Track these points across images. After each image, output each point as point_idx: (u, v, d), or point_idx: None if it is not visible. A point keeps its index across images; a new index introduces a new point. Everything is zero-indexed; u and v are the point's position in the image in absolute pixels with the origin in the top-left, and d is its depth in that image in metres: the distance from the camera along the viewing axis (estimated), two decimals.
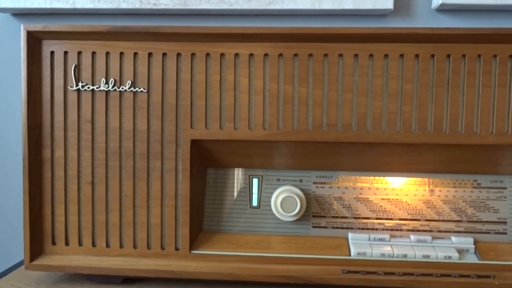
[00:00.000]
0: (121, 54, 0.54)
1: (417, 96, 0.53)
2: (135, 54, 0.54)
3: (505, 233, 0.57)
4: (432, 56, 0.52)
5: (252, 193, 0.59)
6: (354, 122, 0.53)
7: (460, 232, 0.57)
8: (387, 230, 0.58)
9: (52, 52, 0.55)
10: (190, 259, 0.55)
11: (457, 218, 0.57)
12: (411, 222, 0.58)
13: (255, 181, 0.59)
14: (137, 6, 0.77)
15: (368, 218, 0.58)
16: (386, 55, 0.53)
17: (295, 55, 0.53)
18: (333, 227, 0.58)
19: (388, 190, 0.58)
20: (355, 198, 0.58)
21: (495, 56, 0.52)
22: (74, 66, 0.54)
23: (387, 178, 0.58)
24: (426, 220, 0.58)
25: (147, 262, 0.55)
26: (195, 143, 0.55)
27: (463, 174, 0.58)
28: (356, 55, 0.53)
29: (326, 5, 0.75)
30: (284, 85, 0.53)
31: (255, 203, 0.59)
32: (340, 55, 0.53)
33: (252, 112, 0.54)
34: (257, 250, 0.56)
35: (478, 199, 0.57)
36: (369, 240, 0.56)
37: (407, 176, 0.58)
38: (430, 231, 0.58)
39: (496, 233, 0.57)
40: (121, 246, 0.56)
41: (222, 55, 0.54)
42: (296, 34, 0.52)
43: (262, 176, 0.59)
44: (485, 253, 0.55)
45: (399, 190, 0.58)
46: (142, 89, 0.54)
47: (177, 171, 0.55)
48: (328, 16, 0.79)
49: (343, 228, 0.58)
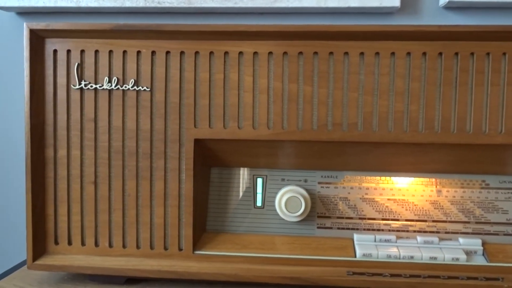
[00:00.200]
0: (124, 52, 0.54)
1: (424, 94, 0.52)
2: (138, 52, 0.53)
3: None
4: (440, 54, 0.51)
5: (256, 193, 0.58)
6: (360, 121, 0.52)
7: (468, 233, 0.56)
8: (393, 231, 0.57)
9: (55, 51, 0.54)
10: (193, 259, 0.54)
11: (465, 219, 0.56)
12: (418, 223, 0.57)
13: (260, 181, 0.58)
14: (141, 4, 0.76)
15: (374, 219, 0.57)
16: (393, 53, 0.52)
17: (300, 53, 0.52)
18: (338, 228, 0.58)
19: (394, 190, 0.57)
20: (360, 198, 0.57)
21: (504, 54, 0.51)
22: (77, 64, 0.54)
23: (393, 178, 0.57)
24: (433, 221, 0.57)
25: (150, 263, 0.54)
26: (198, 143, 0.54)
27: (471, 175, 0.57)
28: (362, 53, 0.52)
29: (332, 2, 0.74)
30: (288, 83, 0.53)
31: (259, 203, 0.58)
32: (346, 53, 0.52)
33: (256, 111, 0.53)
34: (261, 251, 0.55)
35: (487, 200, 0.56)
36: (375, 241, 0.56)
37: (414, 176, 0.57)
38: (437, 232, 0.57)
39: (505, 234, 0.56)
40: (124, 246, 0.55)
41: (226, 53, 0.53)
42: (301, 32, 0.51)
43: (266, 175, 0.58)
44: (493, 255, 0.54)
45: (406, 191, 0.57)
46: (145, 87, 0.54)
47: (180, 171, 0.54)
48: (334, 14, 0.78)
49: (348, 229, 0.57)
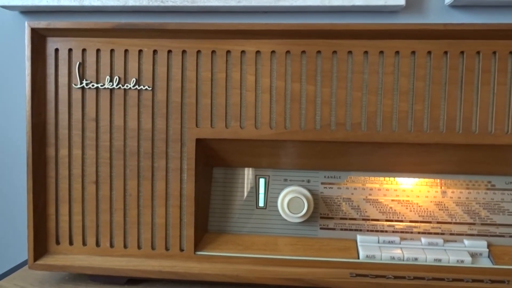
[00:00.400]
0: (125, 51, 0.53)
1: (429, 94, 0.51)
2: (140, 51, 0.53)
3: None
4: (445, 53, 0.50)
5: (258, 193, 0.58)
6: (364, 121, 0.52)
7: (473, 235, 0.56)
8: (397, 232, 0.56)
9: (56, 50, 0.54)
10: (194, 260, 0.54)
11: (470, 221, 0.56)
12: (422, 224, 0.56)
13: (262, 181, 0.58)
14: (144, 3, 0.76)
15: (377, 220, 0.57)
16: (397, 52, 0.51)
17: (303, 52, 0.52)
18: (341, 229, 0.57)
19: (398, 191, 0.56)
20: (364, 199, 0.57)
21: (511, 52, 0.50)
22: (78, 63, 0.54)
23: (397, 179, 0.56)
24: (438, 222, 0.56)
25: (151, 263, 0.54)
26: (200, 142, 0.53)
27: (476, 175, 0.56)
28: (366, 52, 0.51)
29: (336, 1, 0.73)
30: (291, 83, 0.52)
31: (261, 204, 0.58)
32: (350, 52, 0.51)
33: (259, 110, 0.53)
34: (263, 252, 0.55)
35: (492, 201, 0.56)
36: (378, 242, 0.55)
37: (418, 177, 0.56)
38: (442, 234, 0.56)
39: (511, 236, 0.55)
40: (125, 246, 0.55)
41: (228, 52, 0.52)
42: (304, 30, 0.51)
43: (269, 176, 0.58)
44: (499, 257, 0.53)
45: (410, 191, 0.56)
46: (146, 87, 0.53)
47: (182, 171, 0.54)
48: (338, 13, 0.77)
49: (351, 230, 0.57)
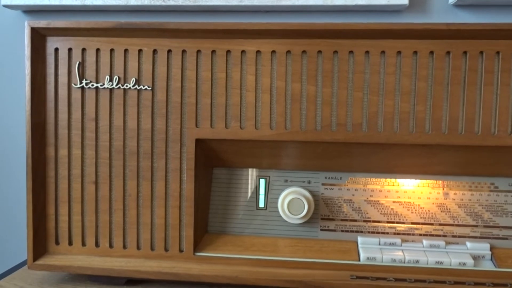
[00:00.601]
0: (125, 51, 0.53)
1: (431, 94, 0.50)
2: (140, 51, 0.53)
3: None
4: (448, 53, 0.50)
5: (259, 194, 0.57)
6: (365, 121, 0.51)
7: (475, 237, 0.55)
8: (398, 234, 0.56)
9: (56, 49, 0.54)
10: (194, 261, 0.54)
11: (472, 223, 0.55)
12: (424, 226, 0.55)
13: (262, 182, 0.57)
14: (146, 2, 0.76)
15: (378, 222, 0.56)
16: (399, 52, 0.50)
17: (304, 52, 0.51)
18: (342, 231, 0.56)
19: (400, 192, 0.56)
20: (365, 200, 0.56)
21: None
22: (78, 63, 0.54)
23: (399, 180, 0.56)
24: (440, 224, 0.55)
25: (150, 264, 0.54)
26: (200, 143, 0.53)
27: (479, 177, 0.55)
28: (367, 52, 0.51)
29: (339, 0, 0.73)
30: (292, 83, 0.52)
31: (262, 205, 0.57)
32: (351, 52, 0.51)
33: (259, 111, 0.52)
34: (263, 253, 0.54)
35: (496, 203, 0.55)
36: (379, 244, 0.54)
37: (420, 178, 0.56)
38: (444, 236, 0.55)
39: None
40: (124, 247, 0.55)
41: (228, 52, 0.52)
42: (305, 30, 0.50)
43: (269, 176, 0.57)
44: (502, 260, 0.53)
45: (412, 193, 0.56)
46: (146, 86, 0.53)
47: (181, 171, 0.53)
48: (341, 12, 0.77)
49: (352, 231, 0.56)
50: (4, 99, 0.84)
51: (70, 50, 0.54)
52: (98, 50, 0.53)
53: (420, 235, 0.55)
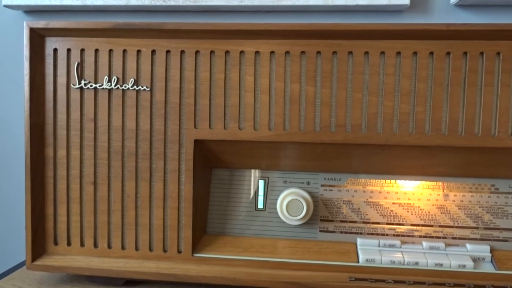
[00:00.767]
0: (124, 51, 0.53)
1: (431, 95, 0.50)
2: (138, 51, 0.53)
3: None
4: (448, 53, 0.49)
5: (258, 195, 0.57)
6: (364, 122, 0.51)
7: (475, 239, 0.55)
8: (398, 236, 0.55)
9: (55, 50, 0.54)
10: (192, 262, 0.54)
11: (472, 225, 0.55)
12: (424, 228, 0.55)
13: (261, 183, 0.57)
14: (146, 3, 0.76)
15: (378, 223, 0.56)
16: (399, 53, 0.50)
17: (303, 52, 0.51)
18: (341, 232, 0.56)
19: (399, 194, 0.55)
20: (364, 202, 0.56)
21: None
22: (77, 63, 0.53)
23: (398, 182, 0.56)
24: (440, 226, 0.55)
25: (148, 265, 0.53)
26: (198, 143, 0.53)
27: (480, 178, 0.55)
28: (366, 53, 0.50)
29: (339, 0, 0.72)
30: (290, 84, 0.51)
31: (261, 206, 0.57)
32: (350, 53, 0.51)
33: (258, 111, 0.52)
34: (262, 255, 0.54)
35: (496, 205, 0.54)
36: (378, 246, 0.54)
37: (420, 180, 0.55)
38: (444, 237, 0.55)
39: None
40: (123, 248, 0.55)
41: (227, 52, 0.52)
42: (304, 30, 0.50)
43: (268, 178, 0.57)
44: (502, 262, 0.52)
45: (412, 194, 0.55)
46: (145, 87, 0.53)
47: (180, 172, 0.53)
48: (342, 12, 0.76)
49: (351, 233, 0.56)
50: (6, 99, 0.84)
51: (69, 50, 0.54)
52: (96, 51, 0.53)
53: (420, 236, 0.55)
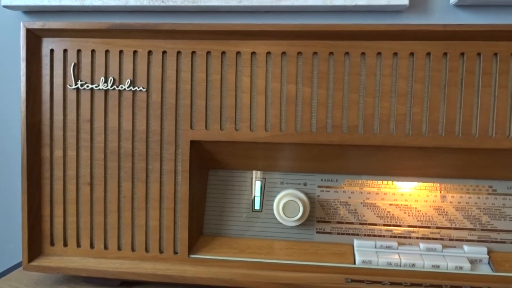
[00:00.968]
0: (120, 52, 0.53)
1: (428, 96, 0.50)
2: (135, 52, 0.53)
3: None
4: (445, 54, 0.49)
5: (254, 196, 0.57)
6: (361, 123, 0.51)
7: (473, 241, 0.54)
8: (395, 237, 0.55)
9: (51, 50, 0.54)
10: (188, 263, 0.53)
11: (470, 226, 0.54)
12: (421, 229, 0.55)
13: (258, 184, 0.57)
14: (145, 3, 0.76)
15: (375, 225, 0.55)
16: (395, 54, 0.50)
17: (299, 53, 0.51)
18: (338, 233, 0.56)
19: (396, 195, 0.55)
20: (361, 203, 0.56)
21: None
22: (73, 64, 0.53)
23: (395, 183, 0.55)
24: (437, 227, 0.55)
25: (145, 266, 0.53)
26: (194, 144, 0.53)
27: (477, 180, 0.54)
28: (363, 54, 0.50)
29: (338, 1, 0.72)
30: (287, 84, 0.51)
31: (257, 207, 0.57)
32: (346, 54, 0.50)
33: (254, 112, 0.52)
34: (258, 256, 0.54)
35: (493, 206, 0.54)
36: (375, 247, 0.54)
37: (417, 181, 0.55)
38: (441, 239, 0.55)
39: None
40: (119, 249, 0.54)
41: (223, 53, 0.52)
42: (300, 31, 0.50)
43: (265, 179, 0.57)
44: (499, 264, 0.52)
45: (409, 196, 0.55)
46: (141, 88, 0.53)
47: (176, 173, 0.53)
48: (340, 13, 0.76)
49: (348, 234, 0.56)
50: (6, 100, 0.84)
51: (65, 51, 0.54)
52: (93, 51, 0.53)
53: (417, 238, 0.55)
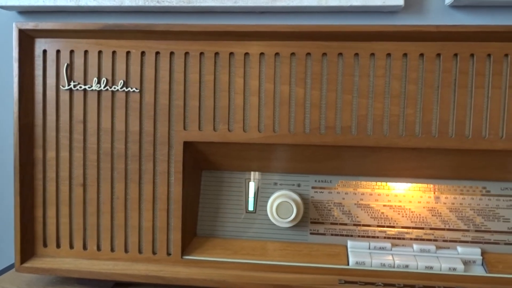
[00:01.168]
0: (113, 53, 0.53)
1: (421, 97, 0.50)
2: (128, 53, 0.52)
3: None
4: (438, 55, 0.49)
5: (248, 197, 0.57)
6: (354, 124, 0.51)
7: (467, 242, 0.54)
8: (388, 238, 0.55)
9: (44, 51, 0.54)
10: (181, 264, 0.53)
11: (464, 227, 0.54)
12: (415, 230, 0.55)
13: (252, 185, 0.57)
14: (140, 3, 0.75)
15: (369, 226, 0.55)
16: (389, 54, 0.50)
17: (292, 54, 0.51)
18: (331, 234, 0.56)
19: (390, 196, 0.55)
20: (355, 204, 0.56)
21: (506, 55, 0.48)
22: (66, 65, 0.53)
23: (389, 184, 0.55)
24: (431, 228, 0.55)
25: (138, 267, 0.53)
26: (188, 145, 0.53)
27: (471, 181, 0.54)
28: (356, 54, 0.50)
29: (333, 1, 0.72)
30: (280, 85, 0.51)
31: (251, 208, 0.57)
32: (340, 54, 0.50)
33: (247, 113, 0.52)
34: (251, 257, 0.54)
35: (487, 207, 0.54)
36: (369, 248, 0.54)
37: (411, 182, 0.55)
38: (435, 240, 0.54)
39: (506, 243, 0.54)
40: (112, 250, 0.54)
41: (217, 54, 0.52)
42: (293, 32, 0.50)
43: (259, 180, 0.57)
44: (493, 265, 0.52)
45: (402, 197, 0.55)
46: (134, 89, 0.53)
47: (169, 174, 0.53)
48: (335, 13, 0.76)
49: (342, 235, 0.56)
50: (2, 101, 0.84)
51: (58, 52, 0.53)
52: (86, 52, 0.53)
53: (411, 239, 0.55)
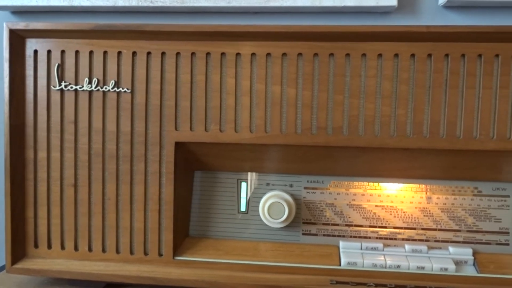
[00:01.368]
0: (104, 53, 0.53)
1: (412, 98, 0.50)
2: (119, 53, 0.52)
3: (507, 244, 0.54)
4: (429, 55, 0.49)
5: (240, 197, 0.57)
6: (345, 125, 0.51)
7: (458, 242, 0.54)
8: (380, 238, 0.55)
9: (35, 51, 0.53)
10: (173, 265, 0.53)
11: (455, 227, 0.54)
12: (407, 230, 0.55)
13: (244, 185, 0.57)
14: (134, 3, 0.75)
15: (361, 226, 0.55)
16: (380, 55, 0.50)
17: (284, 54, 0.51)
18: (324, 235, 0.56)
19: (382, 196, 0.55)
20: (347, 204, 0.56)
21: (497, 55, 0.48)
22: (57, 65, 0.53)
23: (381, 184, 0.55)
24: (423, 229, 0.55)
25: (129, 268, 0.53)
26: (179, 146, 0.53)
27: (462, 181, 0.54)
28: (348, 55, 0.50)
29: (327, 2, 0.72)
30: (272, 85, 0.51)
31: (243, 208, 0.57)
32: (331, 55, 0.50)
33: (239, 114, 0.52)
34: (243, 258, 0.54)
35: (479, 208, 0.54)
36: (361, 249, 0.54)
37: (403, 182, 0.55)
38: (427, 240, 0.54)
39: (497, 244, 0.54)
40: (103, 251, 0.54)
41: (208, 54, 0.51)
42: (285, 32, 0.50)
43: (251, 180, 0.57)
44: (484, 265, 0.52)
45: (394, 197, 0.55)
46: (125, 89, 0.52)
47: (161, 174, 0.53)
48: (329, 14, 0.76)
49: (334, 236, 0.56)
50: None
51: (49, 52, 0.53)
52: (77, 52, 0.53)
53: (403, 239, 0.55)
